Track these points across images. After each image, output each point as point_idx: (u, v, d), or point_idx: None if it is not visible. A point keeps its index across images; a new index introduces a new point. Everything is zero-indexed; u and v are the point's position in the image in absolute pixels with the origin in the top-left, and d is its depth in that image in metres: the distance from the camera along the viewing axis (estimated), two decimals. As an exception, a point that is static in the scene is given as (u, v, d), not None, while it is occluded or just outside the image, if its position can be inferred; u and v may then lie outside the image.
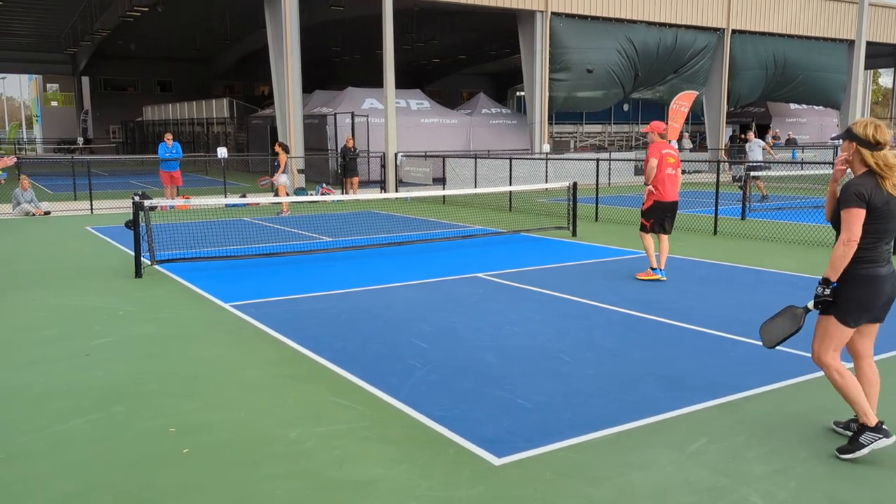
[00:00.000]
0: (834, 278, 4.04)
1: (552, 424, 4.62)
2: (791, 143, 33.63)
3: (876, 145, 3.97)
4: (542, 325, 7.00)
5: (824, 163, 21.43)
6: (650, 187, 8.98)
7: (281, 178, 17.09)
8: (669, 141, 28.01)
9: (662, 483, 3.87)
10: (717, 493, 3.76)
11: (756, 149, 20.02)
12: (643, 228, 9.15)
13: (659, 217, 9.06)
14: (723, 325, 6.91)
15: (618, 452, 4.23)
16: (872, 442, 4.08)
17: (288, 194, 17.46)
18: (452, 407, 4.93)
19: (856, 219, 3.95)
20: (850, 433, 4.36)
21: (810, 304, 4.17)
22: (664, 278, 9.03)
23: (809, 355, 5.93)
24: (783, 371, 5.51)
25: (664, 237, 9.16)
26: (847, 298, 4.06)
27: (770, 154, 20.35)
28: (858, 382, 4.17)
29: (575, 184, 13.51)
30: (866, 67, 41.49)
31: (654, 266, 9.04)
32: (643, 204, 9.20)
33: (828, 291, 4.06)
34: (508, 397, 5.10)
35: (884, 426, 4.11)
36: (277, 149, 17.22)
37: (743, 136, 39.38)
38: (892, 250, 4.14)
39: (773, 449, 4.27)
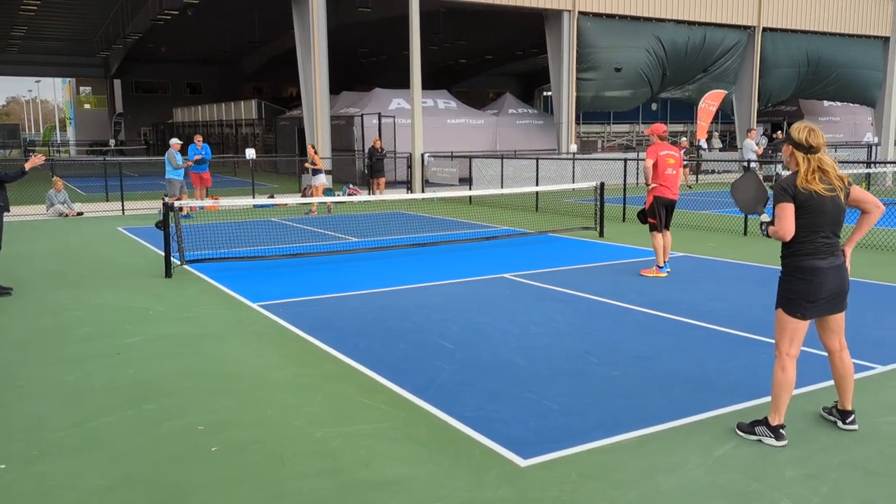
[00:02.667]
0: (770, 234, 4.39)
1: (578, 426, 4.60)
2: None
3: (809, 148, 4.24)
4: (569, 326, 6.97)
5: (857, 162, 21.05)
6: (653, 185, 9.37)
7: (321, 178, 17.42)
8: (698, 140, 27.81)
9: (690, 487, 3.83)
10: (747, 498, 3.70)
11: (748, 150, 20.00)
12: (652, 228, 9.47)
13: (660, 212, 9.43)
14: (751, 327, 6.82)
15: (644, 455, 4.19)
16: (763, 436, 4.37)
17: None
18: (478, 408, 4.93)
19: (782, 211, 4.26)
20: (832, 418, 4.61)
21: (764, 217, 4.54)
22: (667, 273, 9.41)
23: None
24: (814, 374, 5.42)
25: (667, 233, 9.53)
26: (788, 290, 4.32)
27: (757, 153, 20.07)
28: (793, 382, 4.35)
29: (602, 184, 13.42)
30: (902, 64, 40.52)
31: (661, 264, 9.43)
32: (645, 203, 9.56)
33: (763, 224, 4.51)
34: (534, 398, 5.08)
35: (782, 430, 4.33)
36: (311, 150, 17.66)
37: (774, 134, 38.87)
38: (836, 244, 4.29)
39: (805, 453, 4.20)
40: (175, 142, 16.67)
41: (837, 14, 32.92)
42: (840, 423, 4.53)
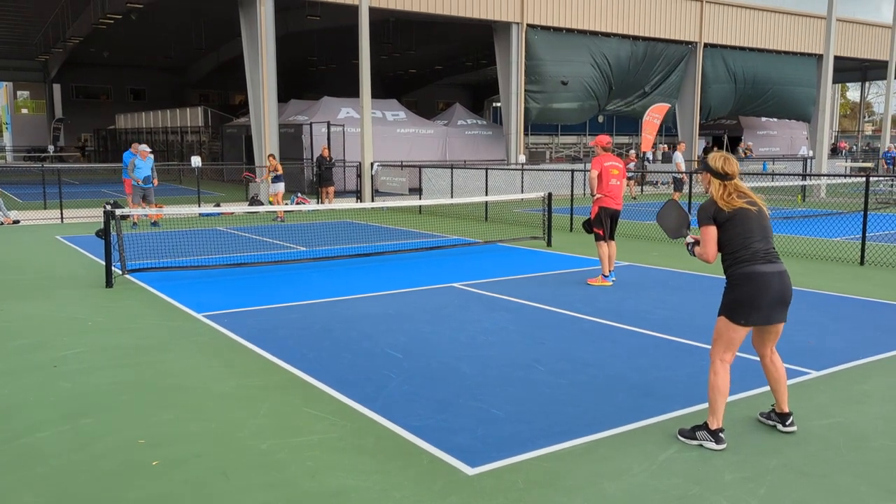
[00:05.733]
0: (695, 254, 4.63)
1: (525, 434, 4.63)
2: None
3: (725, 176, 4.44)
4: (517, 335, 7.03)
5: (792, 174, 21.82)
6: (598, 195, 9.53)
7: (281, 186, 17.68)
8: (643, 153, 28.41)
9: (634, 492, 3.90)
10: (689, 501, 3.79)
11: (676, 162, 20.49)
12: (598, 237, 9.63)
13: (605, 222, 9.58)
14: (694, 334, 6.98)
15: (590, 461, 4.25)
16: (704, 440, 4.46)
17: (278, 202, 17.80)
18: (426, 417, 4.92)
19: (704, 236, 4.49)
20: (770, 422, 4.75)
21: (689, 239, 4.72)
22: (612, 282, 9.57)
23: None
24: (754, 380, 5.58)
25: (612, 243, 9.68)
26: (732, 298, 4.42)
27: (679, 168, 20.49)
28: (727, 386, 4.46)
29: (550, 194, 13.60)
30: (834, 81, 42.41)
31: (606, 273, 9.59)
32: (590, 213, 9.71)
33: (689, 245, 4.71)
34: (482, 407, 5.10)
35: (721, 434, 4.43)
36: (273, 160, 18.00)
37: (713, 148, 39.96)
38: (772, 251, 4.44)
39: (743, 457, 4.32)
40: (142, 147, 15.99)
41: (774, 32, 34.17)
42: (780, 427, 4.67)
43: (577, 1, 28.10)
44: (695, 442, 4.47)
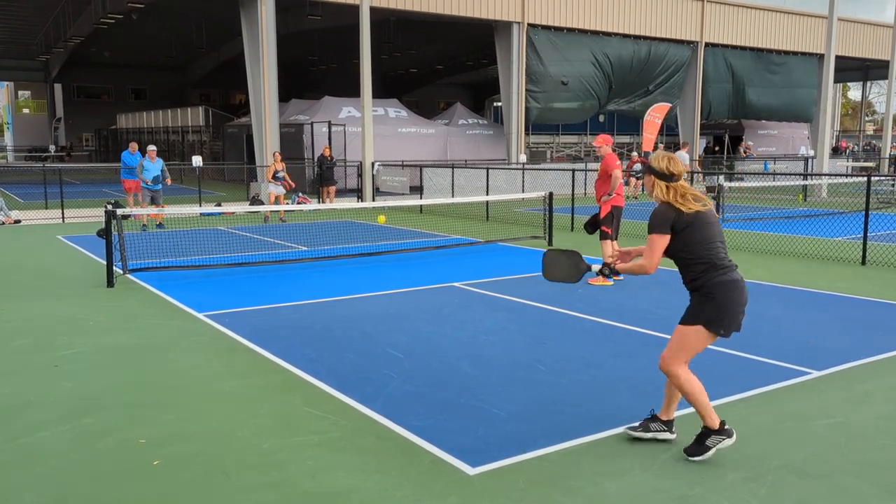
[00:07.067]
0: (620, 271, 4.42)
1: (526, 433, 4.63)
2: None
3: (671, 177, 4.17)
4: (518, 335, 7.02)
5: (794, 174, 21.83)
6: (613, 195, 9.53)
7: (279, 189, 17.50)
8: (644, 152, 28.42)
9: (635, 492, 3.89)
10: (690, 501, 3.78)
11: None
12: (604, 236, 9.59)
13: (615, 221, 9.60)
14: (696, 334, 6.97)
15: (591, 461, 4.24)
16: (717, 443, 4.25)
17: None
18: (427, 417, 4.92)
19: (657, 242, 4.18)
20: (649, 435, 4.49)
21: (595, 268, 4.49)
22: (613, 281, 9.49)
23: (778, 363, 6.03)
24: (754, 379, 5.57)
25: (614, 242, 9.70)
26: (713, 308, 4.12)
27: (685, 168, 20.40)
28: (701, 384, 4.27)
29: (551, 194, 13.59)
30: (836, 81, 42.37)
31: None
32: (599, 212, 9.59)
33: (606, 271, 4.51)
34: (483, 407, 5.10)
35: (726, 426, 4.25)
36: (278, 157, 17.79)
37: (715, 147, 39.92)
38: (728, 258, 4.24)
39: (744, 457, 4.31)
40: (150, 148, 15.95)
41: (775, 31, 34.12)
42: (668, 434, 4.47)
43: (578, 1, 28.09)
44: (710, 452, 4.24)
